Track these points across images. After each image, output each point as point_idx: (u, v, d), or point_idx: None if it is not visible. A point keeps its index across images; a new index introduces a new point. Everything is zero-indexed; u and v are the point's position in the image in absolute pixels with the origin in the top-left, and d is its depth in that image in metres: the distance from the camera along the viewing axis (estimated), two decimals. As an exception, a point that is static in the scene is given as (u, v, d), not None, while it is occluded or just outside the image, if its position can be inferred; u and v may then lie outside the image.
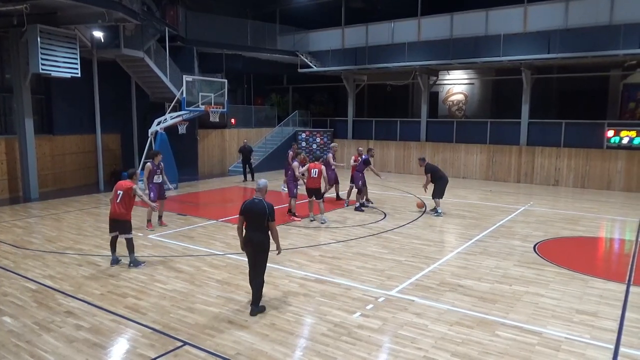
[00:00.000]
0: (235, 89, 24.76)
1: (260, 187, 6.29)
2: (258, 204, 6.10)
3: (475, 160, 20.38)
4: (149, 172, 10.73)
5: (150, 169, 10.73)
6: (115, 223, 8.16)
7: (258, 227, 6.09)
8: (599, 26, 16.58)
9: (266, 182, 6.42)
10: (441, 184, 12.54)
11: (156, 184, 10.95)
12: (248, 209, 6.12)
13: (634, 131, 17.03)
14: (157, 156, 11.03)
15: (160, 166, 11.01)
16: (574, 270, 8.08)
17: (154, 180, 10.91)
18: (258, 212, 6.05)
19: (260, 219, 6.04)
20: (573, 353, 5.25)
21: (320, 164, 11.66)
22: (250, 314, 6.16)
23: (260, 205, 6.08)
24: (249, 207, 6.13)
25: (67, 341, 5.47)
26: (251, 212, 6.10)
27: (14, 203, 14.18)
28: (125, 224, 8.11)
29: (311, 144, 24.26)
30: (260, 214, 6.03)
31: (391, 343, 5.49)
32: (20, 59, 13.84)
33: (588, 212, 13.37)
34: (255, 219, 6.08)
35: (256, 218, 6.07)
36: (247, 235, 6.18)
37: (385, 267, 8.19)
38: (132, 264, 8.14)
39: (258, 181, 6.38)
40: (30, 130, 14.54)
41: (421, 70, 21.20)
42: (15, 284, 7.32)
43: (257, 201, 6.13)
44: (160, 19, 18.42)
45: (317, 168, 11.45)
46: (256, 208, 6.07)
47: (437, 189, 12.53)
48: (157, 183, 10.97)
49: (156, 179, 10.92)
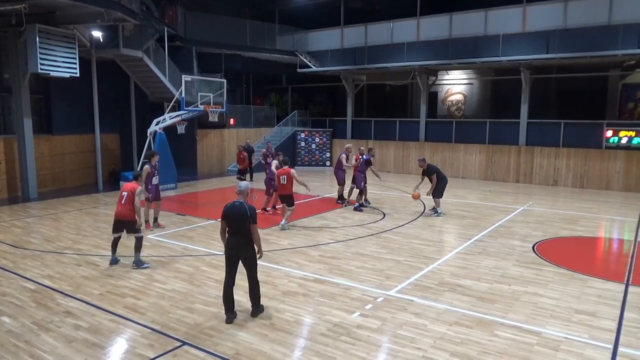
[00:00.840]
0: (234, 88, 24.75)
1: (242, 189, 6.10)
2: (239, 206, 5.92)
3: (474, 160, 20.40)
4: (147, 174, 10.60)
5: (148, 170, 10.60)
6: (121, 224, 8.17)
7: (239, 231, 5.91)
8: (597, 26, 16.60)
9: (248, 185, 6.28)
10: (442, 184, 12.54)
11: (154, 185, 10.87)
12: (229, 213, 5.95)
13: (633, 131, 17.06)
14: (154, 157, 10.95)
15: (156, 167, 10.96)
16: (572, 270, 8.08)
17: (152, 181, 10.80)
18: (239, 216, 5.88)
19: (242, 222, 5.87)
20: (572, 353, 5.26)
21: (289, 169, 11.07)
22: (251, 315, 6.13)
23: (242, 208, 5.90)
24: (229, 210, 5.95)
25: (66, 341, 5.46)
26: (232, 216, 5.93)
27: (12, 203, 14.17)
28: (132, 224, 8.11)
29: (310, 144, 24.28)
30: (242, 217, 5.87)
31: (390, 343, 5.49)
32: (19, 58, 13.82)
33: (587, 212, 13.38)
34: (237, 222, 5.90)
35: (237, 221, 5.90)
36: (229, 239, 6.00)
37: (384, 267, 8.19)
38: (135, 264, 8.11)
39: (239, 183, 6.26)
40: (29, 130, 14.53)
41: (420, 70, 21.21)
42: (14, 284, 7.31)
43: (238, 204, 5.95)
44: (159, 18, 18.41)
45: (286, 174, 10.91)
46: (237, 211, 5.90)
47: (438, 189, 12.52)
48: (155, 184, 10.90)
49: (154, 180, 10.84)
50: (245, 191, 6.14)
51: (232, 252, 5.98)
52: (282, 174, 10.97)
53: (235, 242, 5.95)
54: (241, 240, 5.93)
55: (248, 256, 6.02)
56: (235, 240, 5.95)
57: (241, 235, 5.93)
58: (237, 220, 5.90)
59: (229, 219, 5.96)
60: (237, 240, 5.94)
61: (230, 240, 5.99)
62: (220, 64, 21.96)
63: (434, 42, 20.08)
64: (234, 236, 5.96)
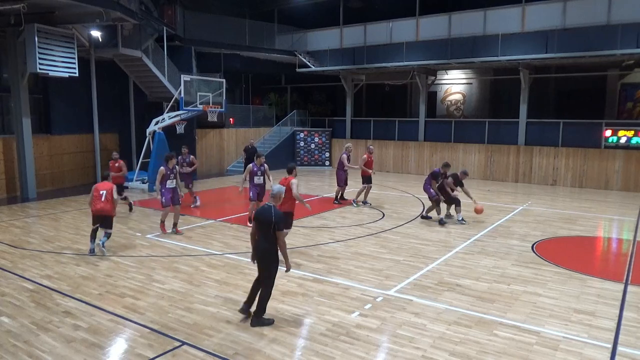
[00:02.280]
0: (233, 88, 24.73)
1: (274, 193, 6.04)
2: (267, 210, 5.79)
3: (474, 159, 20.40)
4: (162, 176, 10.23)
5: (163, 172, 10.23)
6: (100, 218, 8.79)
7: (264, 235, 5.77)
8: (596, 26, 16.61)
9: (281, 189, 6.20)
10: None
11: (169, 188, 10.38)
12: (258, 215, 5.86)
13: (632, 131, 17.07)
14: (172, 160, 10.48)
15: (174, 170, 10.54)
16: (571, 269, 8.09)
17: (167, 185, 10.34)
18: (265, 220, 5.75)
19: (267, 226, 5.74)
20: (571, 352, 5.26)
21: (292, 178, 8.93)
22: (250, 324, 5.85)
23: (269, 212, 5.76)
24: (259, 213, 5.87)
25: (65, 341, 5.46)
26: (260, 219, 5.81)
27: (11, 203, 14.15)
28: (109, 220, 8.90)
29: (309, 144, 24.27)
30: (267, 222, 5.73)
31: (389, 342, 5.49)
32: (18, 58, 13.80)
33: (586, 211, 13.40)
34: (263, 226, 5.77)
35: (264, 225, 5.77)
36: (256, 242, 5.90)
37: (383, 267, 8.19)
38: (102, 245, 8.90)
39: (273, 186, 6.21)
40: (27, 129, 14.51)
41: (419, 70, 21.22)
42: (13, 284, 7.30)
43: (267, 207, 5.83)
44: (158, 18, 18.40)
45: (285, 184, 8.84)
46: (265, 214, 5.77)
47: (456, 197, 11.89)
48: (171, 188, 10.43)
49: (169, 183, 10.36)
50: (278, 195, 6.06)
51: (256, 254, 5.93)
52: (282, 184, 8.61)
53: (258, 245, 5.87)
54: (264, 244, 5.80)
55: (266, 261, 5.84)
56: (259, 244, 5.85)
57: (265, 240, 5.79)
58: (264, 224, 5.77)
59: (257, 221, 5.86)
60: (260, 244, 5.84)
61: (257, 242, 5.88)
62: (219, 63, 21.95)
63: (433, 41, 20.08)
64: (259, 240, 5.86)
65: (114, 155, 12.53)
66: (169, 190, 10.39)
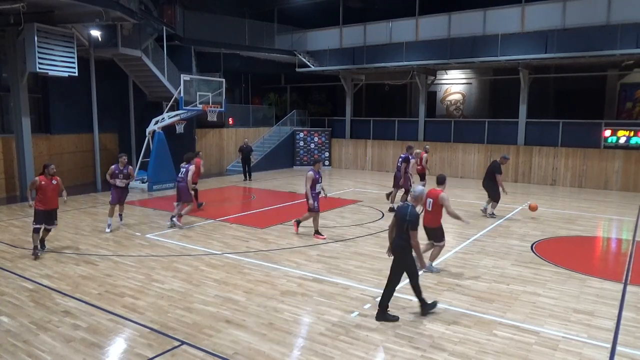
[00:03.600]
0: (233, 88, 24.72)
1: (416, 194, 6.22)
2: (404, 208, 6.01)
3: (473, 159, 20.41)
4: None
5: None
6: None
7: (400, 232, 5.99)
8: (596, 26, 16.62)
9: (423, 190, 6.37)
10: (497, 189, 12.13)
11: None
12: (396, 212, 6.14)
13: (631, 131, 17.08)
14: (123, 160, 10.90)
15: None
16: (571, 269, 8.10)
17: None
18: (401, 217, 5.97)
19: (401, 224, 5.96)
20: (570, 352, 5.26)
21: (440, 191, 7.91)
22: (375, 317, 6.00)
23: (405, 210, 5.96)
24: (397, 210, 6.15)
25: (65, 341, 5.45)
26: (397, 216, 6.07)
27: (11, 202, 14.14)
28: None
29: (309, 144, 24.27)
30: (402, 219, 5.94)
31: (389, 342, 5.49)
32: (17, 57, 13.78)
33: (585, 211, 13.40)
34: (399, 223, 6.00)
35: (399, 222, 6.00)
36: (393, 237, 6.15)
37: (383, 267, 8.17)
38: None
39: (415, 188, 6.31)
40: (27, 129, 14.48)
41: (419, 69, 21.22)
42: (12, 284, 7.30)
43: (405, 206, 6.06)
44: (157, 18, 18.39)
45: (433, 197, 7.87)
46: (402, 212, 5.99)
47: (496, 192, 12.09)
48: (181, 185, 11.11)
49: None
50: (420, 197, 6.25)
51: (391, 249, 6.16)
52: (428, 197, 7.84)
53: (394, 240, 6.10)
54: (399, 240, 6.00)
55: (400, 256, 6.02)
56: (395, 239, 6.08)
57: (400, 236, 5.99)
58: (400, 221, 6.00)
59: (395, 218, 6.11)
60: (396, 239, 6.06)
61: (394, 237, 6.11)
62: (219, 63, 21.95)
63: (432, 41, 20.09)
64: (396, 235, 6.07)
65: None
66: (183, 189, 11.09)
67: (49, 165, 8.82)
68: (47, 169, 8.75)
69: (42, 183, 8.61)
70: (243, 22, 22.55)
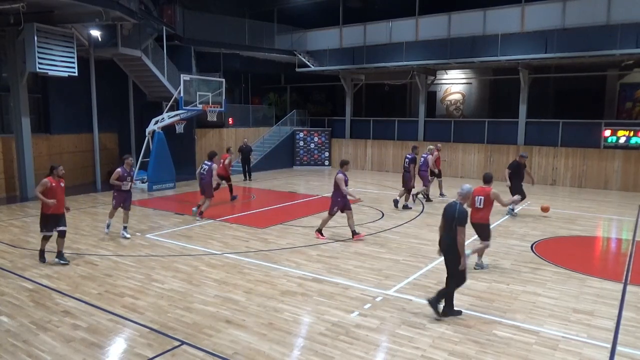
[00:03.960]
0: (232, 88, 24.71)
1: (464, 192, 6.32)
2: (452, 206, 6.16)
3: (473, 159, 20.41)
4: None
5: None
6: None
7: (448, 230, 6.13)
8: (596, 26, 16.61)
9: (469, 188, 6.46)
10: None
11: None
12: (444, 211, 6.26)
13: (631, 130, 17.09)
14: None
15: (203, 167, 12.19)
16: (571, 269, 8.10)
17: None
18: (449, 215, 6.11)
19: (450, 221, 6.09)
20: (570, 352, 5.26)
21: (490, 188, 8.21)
22: (442, 314, 6.11)
23: (454, 208, 6.12)
24: (445, 208, 6.26)
25: (65, 341, 5.45)
26: (445, 214, 6.23)
27: (10, 202, 14.14)
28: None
29: (309, 144, 24.26)
30: (450, 217, 6.08)
31: (389, 342, 5.49)
32: (17, 57, 13.79)
33: (585, 211, 13.40)
34: (447, 221, 6.16)
35: (447, 220, 6.15)
36: (440, 236, 6.33)
37: (382, 267, 8.19)
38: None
39: (462, 186, 6.41)
40: (27, 129, 14.49)
41: (419, 69, 21.22)
42: (12, 284, 7.30)
43: (453, 204, 6.19)
44: (157, 18, 18.38)
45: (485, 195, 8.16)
46: (450, 210, 6.14)
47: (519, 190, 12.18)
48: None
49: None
50: (467, 194, 6.35)
51: (440, 248, 6.33)
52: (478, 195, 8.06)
53: (442, 239, 6.27)
54: (447, 239, 6.14)
55: (449, 255, 6.15)
56: (443, 238, 6.24)
57: (448, 235, 6.13)
58: (448, 219, 6.14)
59: (443, 216, 6.27)
60: (444, 238, 6.22)
61: (442, 236, 6.30)
62: (218, 63, 21.94)
63: (432, 41, 20.08)
64: (444, 234, 6.24)
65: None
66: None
67: (57, 166, 8.30)
68: (56, 170, 8.23)
69: (53, 185, 8.07)
70: (243, 22, 22.54)
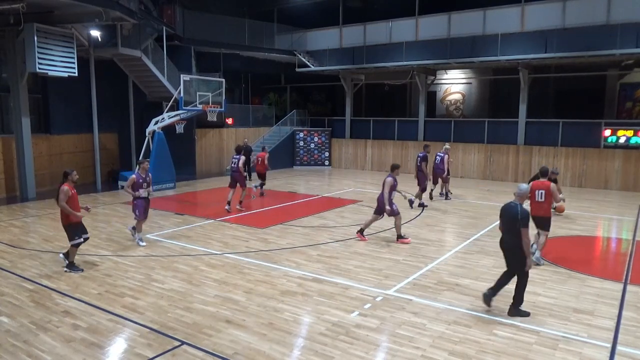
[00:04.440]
0: (232, 88, 24.72)
1: (521, 192, 6.33)
2: (513, 207, 6.17)
3: (473, 159, 20.41)
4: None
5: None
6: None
7: (510, 231, 6.19)
8: (596, 26, 16.61)
9: (527, 188, 6.50)
10: None
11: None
12: (502, 212, 6.34)
13: (631, 130, 17.08)
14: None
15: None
16: (571, 269, 8.10)
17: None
18: (511, 217, 6.13)
19: (512, 223, 6.12)
20: (570, 352, 5.26)
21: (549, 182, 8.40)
22: (508, 313, 6.19)
23: (515, 209, 6.12)
24: (503, 210, 6.33)
25: (65, 341, 5.45)
26: (504, 216, 6.29)
27: (10, 202, 14.14)
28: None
29: (309, 144, 24.26)
30: (513, 219, 6.10)
31: (389, 342, 5.49)
32: (17, 58, 13.79)
33: (585, 211, 13.40)
34: (508, 222, 6.21)
35: (509, 222, 6.20)
36: (501, 237, 6.39)
37: (382, 267, 8.19)
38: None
39: (519, 186, 6.44)
40: (27, 129, 14.50)
41: (419, 69, 21.22)
42: (12, 284, 7.30)
43: (513, 205, 6.21)
44: (157, 18, 18.38)
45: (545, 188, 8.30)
46: (511, 212, 6.16)
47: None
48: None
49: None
50: (525, 194, 6.37)
51: (502, 249, 6.41)
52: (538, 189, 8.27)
53: (504, 240, 6.35)
54: (510, 240, 6.21)
55: (512, 256, 6.24)
56: (505, 240, 6.33)
57: (511, 235, 6.18)
58: (509, 220, 6.20)
59: (502, 218, 6.37)
60: (506, 240, 6.31)
61: (503, 237, 6.37)
62: (218, 63, 21.95)
63: (432, 41, 20.08)
64: (505, 234, 6.32)
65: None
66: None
67: (71, 171, 7.90)
68: (70, 176, 7.85)
69: (73, 192, 7.78)
70: (243, 22, 22.54)
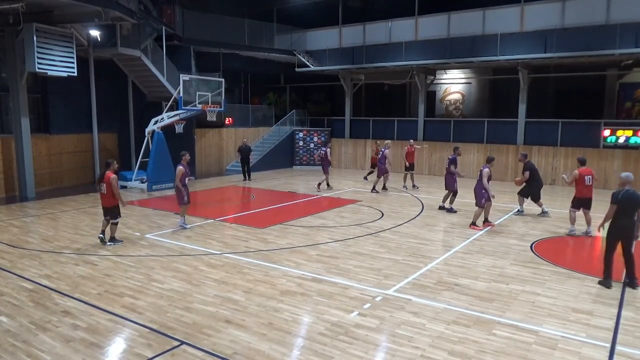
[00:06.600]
0: (232, 88, 24.72)
1: (629, 178, 7.13)
2: (634, 193, 6.95)
3: (472, 159, 20.41)
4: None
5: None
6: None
7: (631, 215, 6.96)
8: (595, 26, 16.63)
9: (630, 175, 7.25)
10: (534, 187, 12.52)
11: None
12: (625, 199, 6.98)
13: (630, 130, 17.09)
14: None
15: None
16: (570, 269, 8.10)
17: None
18: (635, 201, 6.91)
19: (634, 208, 6.95)
20: (569, 352, 5.27)
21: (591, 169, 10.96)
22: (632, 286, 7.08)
23: (636, 195, 6.93)
24: (625, 196, 6.99)
25: (64, 341, 5.46)
26: (629, 202, 6.96)
27: (10, 202, 14.14)
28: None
29: (308, 144, 24.25)
30: (636, 203, 6.92)
31: (388, 342, 5.49)
32: (17, 57, 13.79)
33: (584, 211, 13.37)
34: (631, 208, 6.96)
35: (632, 207, 6.96)
36: (617, 222, 7.06)
37: (382, 266, 8.20)
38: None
39: (623, 174, 7.28)
40: (26, 129, 14.50)
41: (418, 69, 21.22)
42: (11, 284, 7.30)
43: (632, 192, 6.99)
44: (157, 17, 18.38)
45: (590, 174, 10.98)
46: (634, 197, 6.93)
47: (527, 190, 12.52)
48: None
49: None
50: (628, 179, 7.15)
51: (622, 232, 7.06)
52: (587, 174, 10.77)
53: (625, 224, 7.01)
54: (629, 222, 6.99)
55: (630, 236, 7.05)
56: (627, 222, 7.01)
57: (630, 218, 6.98)
58: (633, 206, 6.97)
59: (625, 204, 6.99)
60: (626, 223, 7.01)
61: (619, 223, 7.05)
62: (218, 63, 21.94)
63: (432, 41, 20.09)
64: (624, 219, 7.03)
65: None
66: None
67: (112, 161, 9.50)
68: (112, 165, 9.39)
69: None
70: (242, 22, 22.54)
